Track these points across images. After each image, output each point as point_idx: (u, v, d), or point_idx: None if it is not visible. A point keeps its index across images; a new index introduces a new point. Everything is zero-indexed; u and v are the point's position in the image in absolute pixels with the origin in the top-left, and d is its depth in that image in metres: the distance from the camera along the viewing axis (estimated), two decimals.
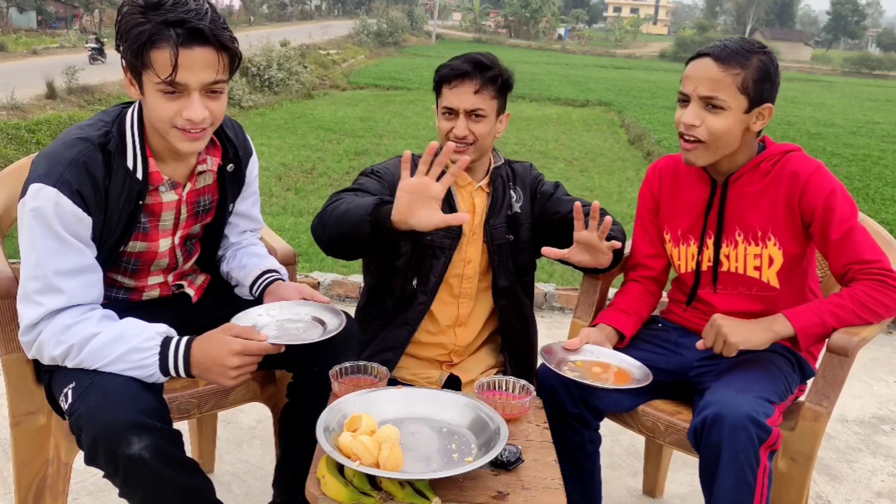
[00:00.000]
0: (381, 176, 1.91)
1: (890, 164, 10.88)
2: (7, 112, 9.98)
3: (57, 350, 1.45)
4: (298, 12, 75.95)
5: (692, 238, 1.85)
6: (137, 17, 1.38)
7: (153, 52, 1.37)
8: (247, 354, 1.45)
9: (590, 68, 31.18)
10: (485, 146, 1.92)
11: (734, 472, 1.47)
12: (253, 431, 2.58)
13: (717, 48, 1.67)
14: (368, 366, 1.61)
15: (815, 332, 1.61)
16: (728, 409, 1.49)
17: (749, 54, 1.66)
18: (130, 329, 1.47)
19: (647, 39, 72.73)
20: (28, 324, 1.45)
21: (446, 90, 1.89)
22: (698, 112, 1.68)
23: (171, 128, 1.46)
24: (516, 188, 2.04)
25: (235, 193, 1.77)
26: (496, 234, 1.98)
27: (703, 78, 1.67)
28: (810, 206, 1.67)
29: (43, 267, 1.43)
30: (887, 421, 2.97)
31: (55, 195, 1.40)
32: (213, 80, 1.43)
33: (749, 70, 1.65)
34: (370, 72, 21.79)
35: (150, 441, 1.35)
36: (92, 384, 1.41)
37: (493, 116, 1.91)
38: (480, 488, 1.31)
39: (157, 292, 1.75)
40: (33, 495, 1.70)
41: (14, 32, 29.73)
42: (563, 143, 11.14)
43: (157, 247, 1.65)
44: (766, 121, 1.70)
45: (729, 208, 1.78)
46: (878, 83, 38.24)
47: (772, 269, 1.75)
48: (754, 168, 1.74)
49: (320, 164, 8.37)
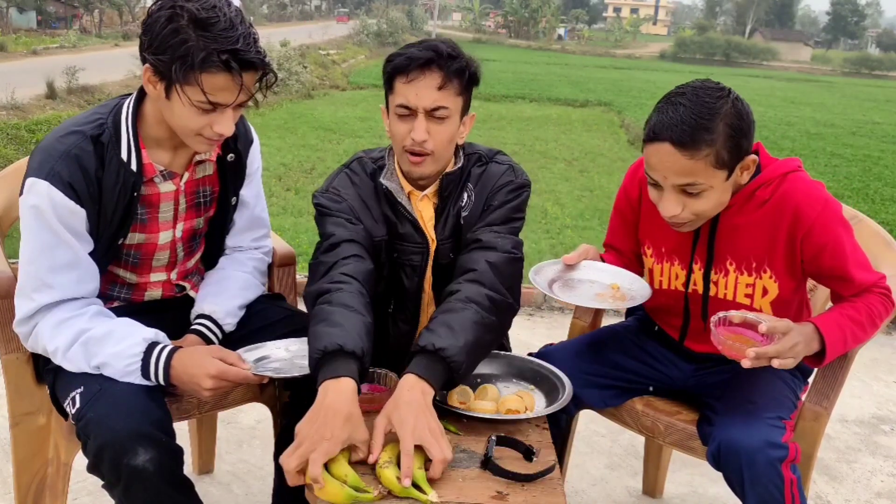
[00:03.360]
0: (335, 210, 1.64)
1: (890, 164, 10.88)
2: (7, 112, 9.99)
3: (51, 344, 1.48)
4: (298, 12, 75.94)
5: (677, 259, 1.69)
6: (187, 32, 1.35)
7: (203, 75, 1.37)
8: (223, 379, 1.47)
9: (590, 68, 31.14)
10: (441, 158, 1.62)
11: (758, 494, 1.46)
12: (253, 431, 2.58)
13: (674, 130, 1.42)
14: (375, 372, 1.57)
15: (837, 356, 1.55)
16: (742, 437, 1.48)
17: (712, 122, 1.41)
18: (119, 330, 1.48)
19: (646, 39, 72.77)
20: (22, 317, 1.49)
21: (401, 84, 1.55)
22: (677, 199, 1.50)
23: (195, 135, 1.48)
24: (472, 190, 1.69)
25: (237, 185, 1.75)
26: (441, 252, 1.69)
27: (670, 169, 1.45)
28: (814, 247, 1.54)
29: (35, 263, 1.46)
30: (887, 421, 2.97)
31: (47, 188, 1.42)
32: (246, 98, 1.46)
33: (719, 142, 1.42)
34: (370, 72, 21.76)
35: (154, 454, 1.36)
36: (101, 390, 1.42)
37: (458, 117, 1.60)
38: (480, 488, 1.31)
39: (160, 292, 1.74)
40: (33, 495, 1.70)
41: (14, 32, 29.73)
42: (563, 144, 11.14)
43: (157, 239, 1.64)
44: (752, 168, 1.53)
45: (720, 238, 1.61)
46: (877, 83, 38.23)
47: (765, 298, 1.62)
48: (749, 196, 1.56)
49: (320, 164, 8.37)
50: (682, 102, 1.45)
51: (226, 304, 1.71)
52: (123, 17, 38.89)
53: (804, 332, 1.49)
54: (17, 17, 35.97)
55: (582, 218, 6.56)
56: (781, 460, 1.46)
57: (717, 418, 1.59)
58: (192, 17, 1.36)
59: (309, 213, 6.20)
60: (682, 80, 1.59)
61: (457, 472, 1.34)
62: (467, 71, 1.58)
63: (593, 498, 2.35)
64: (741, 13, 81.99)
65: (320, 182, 1.76)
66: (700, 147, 1.42)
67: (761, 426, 1.51)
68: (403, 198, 1.67)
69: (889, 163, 10.98)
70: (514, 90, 18.40)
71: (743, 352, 1.43)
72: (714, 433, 1.56)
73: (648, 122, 1.50)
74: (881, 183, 9.28)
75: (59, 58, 18.07)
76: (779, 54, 56.51)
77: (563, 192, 7.61)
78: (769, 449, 1.46)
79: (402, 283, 1.72)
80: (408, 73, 1.54)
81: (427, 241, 1.69)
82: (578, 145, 11.11)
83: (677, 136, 1.42)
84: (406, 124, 1.57)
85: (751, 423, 1.52)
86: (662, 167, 1.47)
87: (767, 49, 56.46)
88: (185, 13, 1.36)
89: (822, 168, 10.24)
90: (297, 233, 5.48)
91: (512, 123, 12.80)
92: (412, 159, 1.59)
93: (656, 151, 1.46)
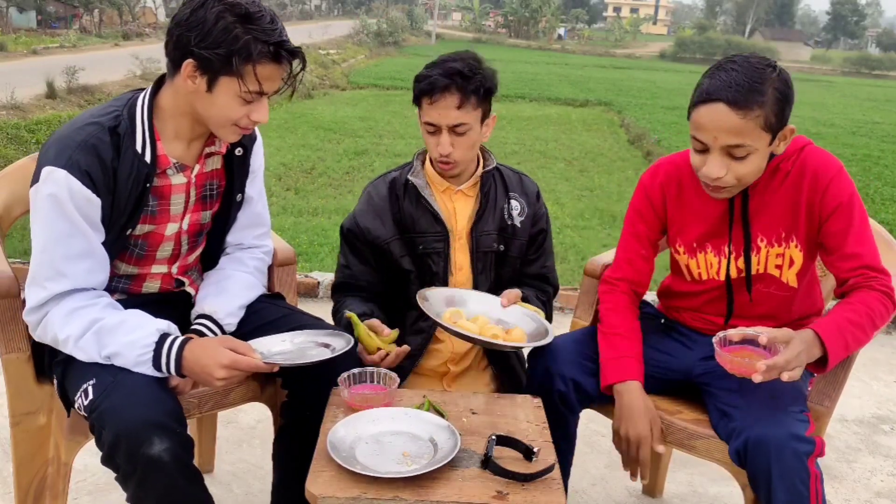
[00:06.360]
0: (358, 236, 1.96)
1: (890, 164, 10.89)
2: (7, 112, 9.98)
3: (62, 332, 1.49)
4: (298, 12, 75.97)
5: (710, 247, 1.74)
6: (235, 26, 1.43)
7: (257, 66, 1.45)
8: (235, 369, 1.48)
9: (589, 68, 31.16)
10: (466, 159, 1.88)
11: (787, 489, 1.47)
12: (253, 431, 2.58)
13: (728, 90, 1.49)
14: (376, 372, 1.60)
15: (839, 360, 1.55)
16: (770, 431, 1.49)
17: (763, 86, 1.49)
18: (131, 321, 1.51)
19: (646, 39, 72.73)
20: (33, 305, 1.51)
21: (426, 105, 1.83)
22: (722, 161, 1.55)
23: (231, 125, 1.54)
24: (520, 199, 2.00)
25: (242, 181, 1.77)
26: (483, 241, 1.94)
27: (721, 128, 1.51)
28: (832, 204, 1.60)
29: (50, 252, 1.48)
30: (887, 421, 2.97)
31: (65, 177, 1.44)
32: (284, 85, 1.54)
33: (768, 105, 1.49)
34: (370, 72, 21.80)
35: (169, 444, 1.37)
36: (115, 382, 1.44)
37: (478, 125, 1.86)
38: (480, 488, 1.31)
39: (158, 284, 1.75)
40: (33, 495, 1.70)
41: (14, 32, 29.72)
42: (563, 143, 11.15)
43: (165, 230, 1.66)
44: (789, 140, 1.60)
45: (752, 214, 1.68)
46: (877, 83, 38.26)
47: (791, 269, 1.69)
48: (774, 171, 1.64)
49: (320, 164, 8.38)
50: (733, 68, 1.52)
51: (227, 304, 1.72)
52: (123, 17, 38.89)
53: (805, 339, 1.48)
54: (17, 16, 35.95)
55: (582, 217, 6.57)
56: (808, 454, 1.47)
57: (738, 413, 1.59)
58: (239, 12, 1.44)
59: (309, 212, 6.21)
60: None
61: (457, 472, 1.34)
62: (482, 88, 1.82)
63: (593, 498, 2.35)
64: (741, 13, 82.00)
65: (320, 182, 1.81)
66: (752, 107, 1.48)
67: (787, 420, 1.51)
68: (427, 192, 1.92)
69: (889, 163, 10.99)
70: (513, 90, 18.40)
71: (752, 367, 1.44)
72: (738, 428, 1.55)
73: (698, 87, 1.56)
74: (881, 183, 9.29)
75: (59, 57, 18.05)
76: (779, 54, 56.35)
77: (562, 192, 7.61)
78: (796, 442, 1.47)
79: (430, 270, 1.94)
80: (431, 95, 1.80)
81: (446, 230, 1.91)
82: (578, 145, 11.12)
83: (732, 95, 1.48)
84: (434, 137, 1.85)
85: (777, 416, 1.52)
86: (714, 127, 1.52)
87: (767, 49, 56.34)
88: (230, 8, 1.44)
89: None
90: (297, 233, 5.48)
91: (512, 123, 12.80)
92: (441, 167, 1.89)
93: (709, 112, 1.52)
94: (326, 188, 7.11)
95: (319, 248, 5.04)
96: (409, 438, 1.43)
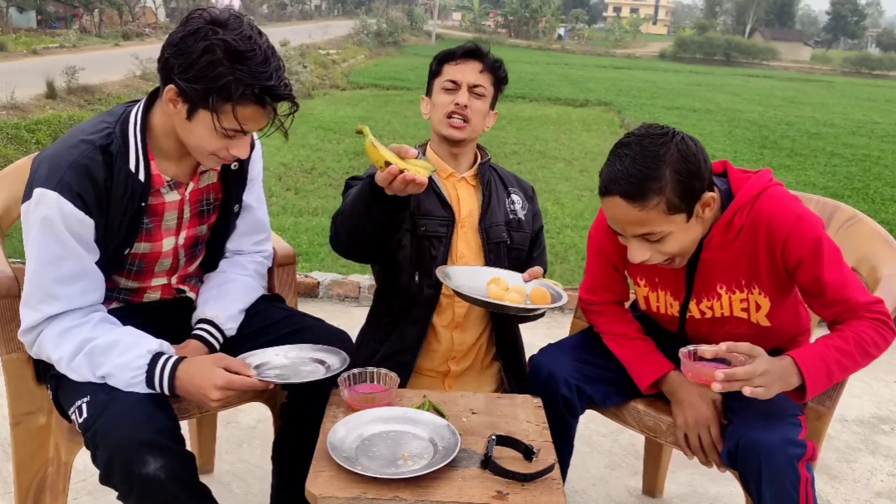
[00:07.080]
0: None
1: (890, 164, 10.88)
2: (7, 112, 9.98)
3: (55, 353, 1.48)
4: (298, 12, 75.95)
5: (668, 291, 1.72)
6: (224, 65, 1.37)
7: (236, 107, 1.40)
8: (230, 389, 1.47)
9: (589, 68, 31.15)
10: (476, 129, 1.94)
11: (776, 492, 1.46)
12: (253, 431, 2.58)
13: (622, 184, 1.43)
14: (377, 373, 1.60)
15: (822, 389, 1.52)
16: (762, 434, 1.49)
17: (658, 170, 1.42)
18: (124, 341, 1.48)
19: (646, 39, 72.73)
20: (27, 327, 1.49)
21: (449, 67, 1.94)
22: (640, 246, 1.52)
23: (209, 155, 1.50)
24: (518, 193, 2.07)
25: (239, 192, 1.75)
26: (493, 232, 1.98)
27: (625, 220, 1.48)
28: (794, 258, 1.53)
29: (42, 274, 1.45)
30: (887, 421, 2.97)
31: (56, 199, 1.41)
32: (269, 124, 1.49)
33: (667, 189, 1.43)
34: (370, 72, 21.77)
35: (164, 462, 1.36)
36: (107, 400, 1.42)
37: (489, 102, 1.96)
38: (480, 488, 1.31)
39: (159, 295, 1.74)
40: (33, 495, 1.70)
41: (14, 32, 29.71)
42: (563, 143, 11.14)
43: (161, 247, 1.64)
44: (714, 205, 1.52)
45: (706, 270, 1.62)
46: (877, 83, 38.23)
47: (760, 312, 1.64)
48: (728, 225, 1.56)
49: (320, 164, 8.37)
50: (626, 153, 1.45)
51: (227, 308, 1.71)
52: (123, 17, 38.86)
53: (780, 365, 1.46)
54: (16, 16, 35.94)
55: (582, 217, 6.56)
56: (799, 458, 1.47)
57: (733, 416, 1.60)
58: (229, 48, 1.37)
59: (309, 212, 6.20)
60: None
61: (457, 472, 1.35)
62: (500, 70, 1.97)
63: (593, 498, 2.35)
64: (741, 13, 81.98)
65: (320, 182, 1.81)
66: (649, 197, 1.43)
67: (781, 424, 1.51)
68: (434, 175, 1.94)
69: (889, 163, 10.98)
70: (513, 90, 18.36)
71: (711, 376, 1.42)
72: (732, 431, 1.56)
73: (600, 175, 1.51)
74: (881, 183, 9.28)
75: (59, 57, 18.05)
76: (779, 54, 56.48)
77: (562, 192, 7.60)
78: (788, 446, 1.47)
79: (428, 253, 1.92)
80: (455, 58, 1.95)
81: (453, 214, 1.93)
82: (578, 145, 11.11)
83: (625, 189, 1.43)
84: (451, 95, 1.92)
85: (771, 420, 1.52)
86: (617, 220, 1.50)
87: (767, 49, 56.40)
88: (221, 43, 1.37)
89: (822, 168, 10.24)
90: (297, 233, 5.48)
91: (512, 123, 12.80)
92: (453, 123, 1.91)
93: (609, 205, 1.49)
94: (326, 188, 7.11)
95: (319, 248, 5.04)
96: (409, 438, 1.43)
